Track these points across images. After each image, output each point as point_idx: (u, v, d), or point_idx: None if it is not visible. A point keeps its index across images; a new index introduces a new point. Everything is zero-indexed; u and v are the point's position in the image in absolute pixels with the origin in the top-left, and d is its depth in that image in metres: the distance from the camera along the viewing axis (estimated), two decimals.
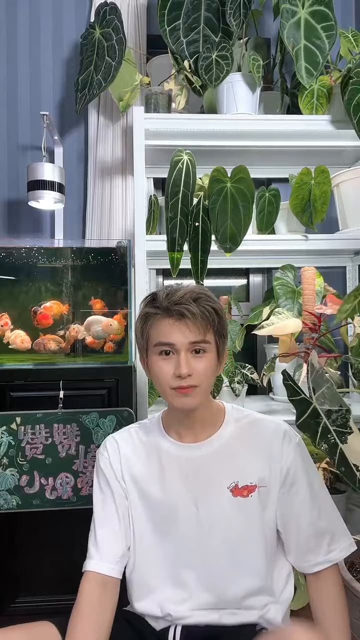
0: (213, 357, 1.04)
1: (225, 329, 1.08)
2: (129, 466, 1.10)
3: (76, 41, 2.20)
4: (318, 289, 1.77)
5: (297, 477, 1.05)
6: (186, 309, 0.99)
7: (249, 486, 1.05)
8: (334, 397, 1.01)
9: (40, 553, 1.61)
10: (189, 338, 1.00)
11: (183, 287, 1.04)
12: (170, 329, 1.00)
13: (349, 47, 1.79)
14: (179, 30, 1.81)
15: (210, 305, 1.02)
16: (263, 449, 1.07)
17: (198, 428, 1.08)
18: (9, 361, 1.67)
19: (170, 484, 1.07)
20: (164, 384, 1.02)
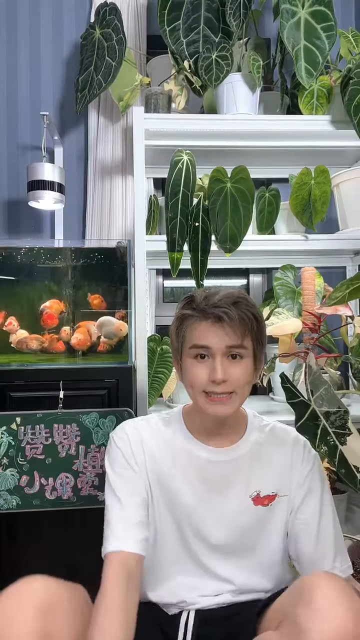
0: (250, 363, 1.02)
1: (264, 336, 1.05)
2: (151, 455, 1.06)
3: (76, 41, 2.20)
4: (318, 289, 1.77)
5: (313, 487, 1.08)
6: (224, 312, 0.97)
7: (269, 495, 1.06)
8: (332, 398, 1.01)
9: (40, 553, 1.61)
10: (225, 342, 0.98)
11: (222, 290, 1.02)
12: (207, 331, 0.99)
13: (349, 47, 1.79)
14: (179, 30, 1.81)
15: (249, 310, 1.00)
16: (285, 459, 1.09)
17: (224, 434, 1.08)
18: (9, 361, 1.67)
19: (192, 486, 1.06)
20: (196, 387, 1.00)
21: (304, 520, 1.06)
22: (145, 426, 1.10)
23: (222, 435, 1.08)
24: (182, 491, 1.05)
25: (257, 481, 1.07)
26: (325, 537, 1.05)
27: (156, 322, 2.24)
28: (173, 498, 1.05)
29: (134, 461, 1.05)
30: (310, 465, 1.09)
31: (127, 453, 1.05)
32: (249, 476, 1.07)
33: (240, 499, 1.05)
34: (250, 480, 1.06)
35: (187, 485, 1.06)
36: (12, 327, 1.67)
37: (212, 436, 1.08)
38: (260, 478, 1.07)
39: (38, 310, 1.71)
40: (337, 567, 1.03)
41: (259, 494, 1.06)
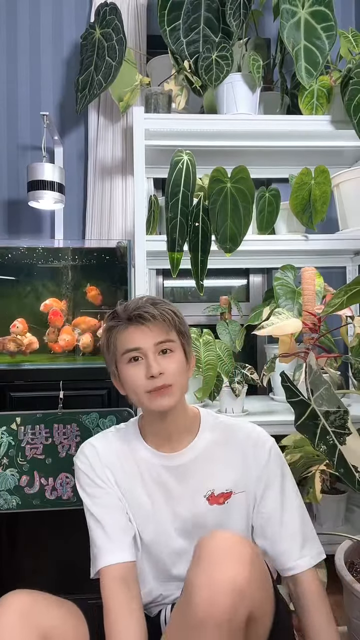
0: (181, 356, 1.06)
1: (187, 329, 1.10)
2: (111, 470, 1.10)
3: (76, 41, 2.20)
4: (318, 289, 1.77)
5: (271, 479, 1.09)
6: (145, 312, 1.02)
7: (224, 493, 1.08)
8: (332, 398, 1.01)
9: (40, 553, 1.61)
10: (153, 339, 1.03)
11: (138, 297, 1.10)
12: (134, 334, 1.03)
13: (349, 47, 1.79)
14: (179, 30, 1.81)
15: (168, 308, 1.06)
16: (238, 455, 1.10)
17: (175, 436, 1.10)
18: (10, 361, 1.67)
19: (151, 494, 1.08)
20: (138, 390, 1.03)
21: (267, 513, 1.08)
22: (102, 443, 1.13)
23: (174, 439, 1.10)
24: (142, 500, 1.08)
25: (211, 480, 1.08)
26: (291, 527, 1.07)
27: None
28: (136, 507, 1.08)
29: (99, 480, 1.08)
30: (265, 458, 1.09)
31: (90, 474, 1.09)
32: (202, 476, 1.09)
33: (195, 500, 1.08)
34: (204, 480, 1.08)
35: (145, 494, 1.09)
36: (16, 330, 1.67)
37: (164, 441, 1.10)
38: (213, 477, 1.08)
39: (38, 310, 1.71)
40: (307, 554, 1.05)
41: (213, 493, 1.08)
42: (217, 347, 1.75)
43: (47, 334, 1.69)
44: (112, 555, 1.02)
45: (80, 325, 1.72)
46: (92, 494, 1.08)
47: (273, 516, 1.07)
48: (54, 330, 1.70)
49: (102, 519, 1.05)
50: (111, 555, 1.02)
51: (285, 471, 1.11)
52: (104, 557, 1.02)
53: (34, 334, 1.69)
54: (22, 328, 1.67)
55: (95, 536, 1.05)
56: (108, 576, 1.00)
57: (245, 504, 1.09)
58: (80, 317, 1.72)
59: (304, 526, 1.08)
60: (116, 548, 1.02)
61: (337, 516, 1.77)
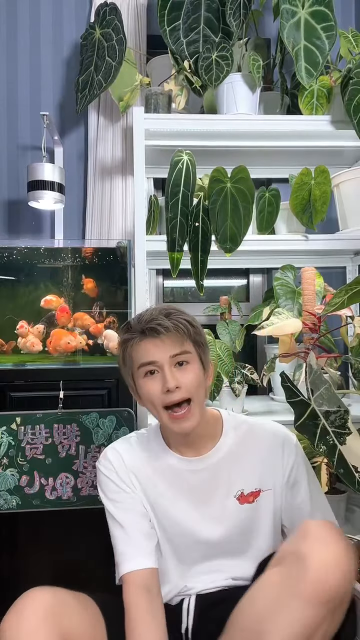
0: (197, 366, 1.06)
1: (203, 337, 1.10)
2: (136, 476, 1.10)
3: (76, 41, 2.20)
4: (318, 289, 1.77)
5: (299, 477, 1.11)
6: (158, 325, 1.02)
7: (253, 492, 1.09)
8: (332, 398, 1.01)
9: (40, 553, 1.61)
10: (168, 352, 1.02)
11: (152, 308, 1.08)
12: (148, 347, 1.03)
13: (349, 48, 1.79)
14: (179, 30, 1.81)
15: (181, 317, 1.05)
16: (264, 454, 1.11)
17: (198, 443, 1.10)
18: (10, 361, 1.67)
19: (177, 498, 1.09)
20: (156, 404, 1.03)
21: (297, 506, 1.11)
22: (126, 449, 1.13)
23: (197, 444, 1.10)
24: (171, 505, 1.09)
25: (239, 481, 1.10)
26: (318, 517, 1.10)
27: None
28: (162, 513, 1.09)
29: (124, 484, 1.08)
30: (293, 457, 1.12)
31: (115, 479, 1.09)
32: (230, 477, 1.10)
33: (226, 501, 1.09)
34: (232, 481, 1.09)
35: (174, 499, 1.09)
36: (23, 331, 1.67)
37: (188, 447, 1.11)
38: (241, 477, 1.10)
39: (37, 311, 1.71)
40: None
41: (243, 493, 1.09)
42: (217, 347, 1.75)
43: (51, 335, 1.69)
44: (135, 561, 1.02)
45: (78, 321, 1.72)
46: (115, 499, 1.08)
47: (303, 509, 1.10)
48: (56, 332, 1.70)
49: (125, 524, 1.06)
50: (134, 561, 1.02)
51: (308, 464, 1.15)
52: (126, 563, 1.02)
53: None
54: (27, 330, 1.68)
55: (117, 542, 1.06)
56: (130, 583, 1.01)
57: (272, 501, 1.11)
58: (79, 313, 1.72)
59: (327, 512, 1.13)
60: (139, 554, 1.03)
61: (337, 516, 1.76)
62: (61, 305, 1.70)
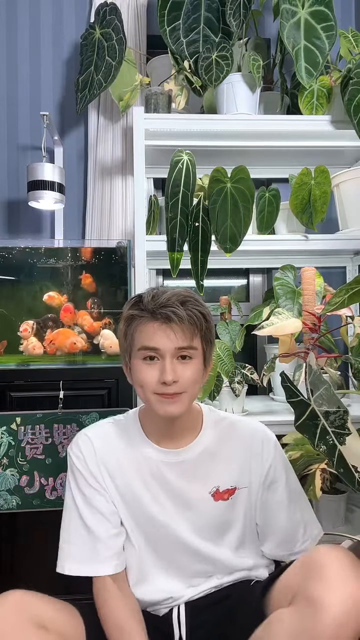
0: (199, 363, 1.02)
1: (213, 335, 1.05)
2: (107, 467, 1.06)
3: (76, 41, 2.20)
4: (318, 289, 1.77)
5: (277, 475, 1.10)
6: (172, 312, 0.96)
7: (229, 489, 1.07)
8: (331, 398, 1.01)
9: (40, 553, 1.61)
10: (175, 343, 0.97)
11: (170, 290, 1.00)
12: (156, 332, 0.97)
13: (349, 47, 1.79)
14: (179, 30, 1.81)
15: (197, 309, 0.99)
16: (242, 451, 1.10)
17: (178, 434, 1.07)
18: (10, 361, 1.67)
19: (152, 490, 1.06)
20: (147, 390, 0.99)
21: (273, 506, 1.09)
22: (99, 436, 1.08)
23: (177, 436, 1.07)
24: (143, 497, 1.06)
25: (215, 477, 1.07)
26: (296, 517, 1.09)
27: None
28: (135, 504, 1.06)
29: (93, 479, 1.05)
30: (271, 456, 1.10)
31: (84, 471, 1.05)
32: (206, 473, 1.07)
33: (200, 496, 1.06)
34: (208, 477, 1.07)
35: (146, 490, 1.06)
36: (27, 334, 1.68)
37: (166, 438, 1.07)
38: (218, 474, 1.08)
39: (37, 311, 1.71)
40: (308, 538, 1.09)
41: (218, 489, 1.07)
42: (217, 347, 1.75)
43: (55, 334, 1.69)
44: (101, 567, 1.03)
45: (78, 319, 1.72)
46: (84, 492, 1.05)
47: (280, 509, 1.08)
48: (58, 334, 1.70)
49: (93, 526, 1.03)
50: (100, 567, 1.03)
51: (287, 464, 1.13)
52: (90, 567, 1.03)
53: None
54: (30, 332, 1.68)
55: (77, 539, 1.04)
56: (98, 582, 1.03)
57: (247, 499, 1.09)
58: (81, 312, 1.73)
59: (305, 511, 1.11)
60: (104, 561, 1.03)
61: (337, 516, 1.77)
62: (65, 305, 1.71)
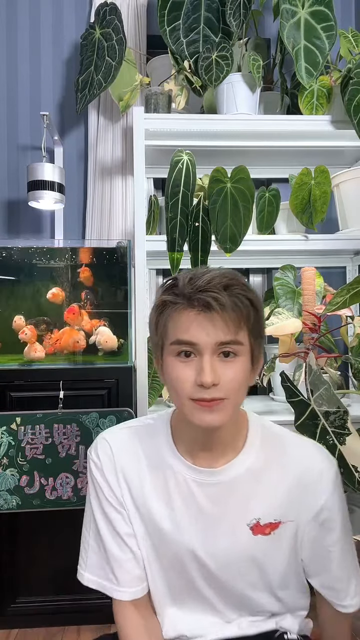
0: (246, 362, 0.82)
1: (263, 328, 0.86)
2: (125, 479, 0.91)
3: (76, 41, 2.20)
4: (318, 289, 1.77)
5: (333, 515, 0.89)
6: (214, 299, 0.77)
7: (272, 523, 0.88)
8: (331, 398, 1.01)
9: (40, 553, 1.61)
10: (216, 337, 0.78)
11: (211, 271, 0.81)
12: (192, 323, 0.79)
13: (349, 47, 1.79)
14: (179, 30, 1.81)
15: (245, 296, 0.80)
16: (293, 479, 0.89)
17: (216, 450, 0.88)
18: (10, 361, 1.67)
19: (178, 513, 0.89)
20: (181, 394, 0.80)
21: (322, 550, 0.90)
22: (121, 441, 0.93)
23: (215, 451, 0.88)
24: (163, 520, 0.89)
25: (257, 506, 0.88)
26: (350, 565, 0.91)
27: None
28: (153, 527, 0.90)
29: (110, 491, 0.90)
30: (329, 491, 0.88)
31: (104, 486, 0.91)
32: (247, 500, 0.88)
33: (236, 528, 0.88)
34: (248, 506, 0.88)
35: (169, 512, 0.89)
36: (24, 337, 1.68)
37: (202, 452, 0.88)
38: (260, 502, 0.88)
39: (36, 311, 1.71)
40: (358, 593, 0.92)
41: (259, 522, 0.87)
42: None
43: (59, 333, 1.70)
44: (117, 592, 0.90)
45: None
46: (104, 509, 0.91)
47: (331, 553, 0.89)
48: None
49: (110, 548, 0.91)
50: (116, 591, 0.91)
51: (344, 502, 0.93)
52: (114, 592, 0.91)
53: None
54: (30, 335, 1.68)
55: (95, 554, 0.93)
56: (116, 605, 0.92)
57: (294, 535, 0.89)
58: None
59: (356, 561, 0.93)
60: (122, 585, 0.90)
61: None
62: (70, 306, 1.71)
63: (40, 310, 1.72)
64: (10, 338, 1.69)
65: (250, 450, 0.90)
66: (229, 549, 0.88)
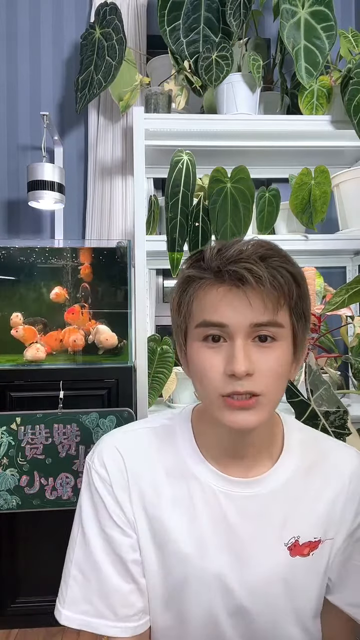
0: (287, 349, 0.68)
1: (308, 308, 0.71)
2: (141, 497, 0.74)
3: (76, 41, 2.20)
4: (318, 289, 1.77)
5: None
6: (248, 271, 0.63)
7: (312, 542, 0.75)
8: (331, 398, 1.01)
9: (40, 553, 1.61)
10: (250, 318, 0.64)
11: (244, 241, 0.68)
12: (221, 301, 0.65)
13: (349, 47, 1.79)
14: (179, 30, 1.81)
15: (285, 268, 0.66)
16: (334, 490, 0.77)
17: (249, 458, 0.75)
18: (10, 361, 1.67)
19: (204, 533, 0.74)
20: (209, 388, 0.67)
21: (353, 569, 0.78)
22: (132, 446, 0.77)
23: (250, 458, 0.75)
24: (182, 538, 0.74)
25: (296, 523, 0.75)
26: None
27: (156, 322, 2.25)
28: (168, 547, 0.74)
29: (120, 510, 0.74)
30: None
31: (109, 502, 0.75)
32: (285, 516, 0.75)
33: (271, 549, 0.74)
34: (287, 523, 0.74)
35: (189, 530, 0.74)
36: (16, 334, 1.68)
37: (233, 459, 0.74)
38: (300, 518, 0.75)
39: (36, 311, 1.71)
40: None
41: (298, 541, 0.74)
42: None
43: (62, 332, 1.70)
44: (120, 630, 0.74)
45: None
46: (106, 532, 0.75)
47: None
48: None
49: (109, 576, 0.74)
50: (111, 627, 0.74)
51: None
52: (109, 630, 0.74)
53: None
54: (22, 334, 1.67)
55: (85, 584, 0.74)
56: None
57: (328, 554, 0.77)
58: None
59: None
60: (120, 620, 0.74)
61: None
62: (70, 307, 1.71)
63: (40, 310, 1.72)
64: (11, 338, 1.69)
65: (290, 457, 0.77)
66: (264, 574, 0.74)
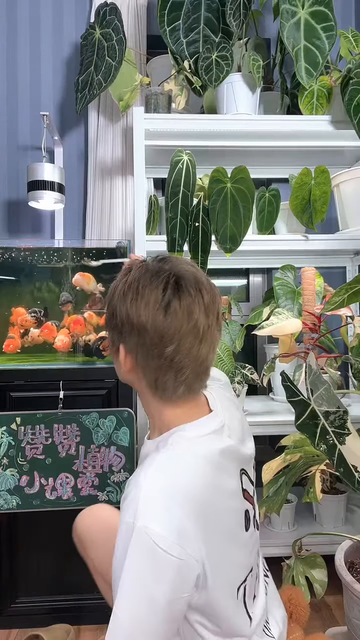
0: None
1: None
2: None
3: (76, 41, 2.20)
4: (318, 289, 1.77)
5: None
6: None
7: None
8: (331, 398, 1.01)
9: (40, 553, 1.61)
10: None
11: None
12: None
13: (349, 48, 1.79)
14: (179, 30, 1.81)
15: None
16: None
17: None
18: (9, 361, 1.67)
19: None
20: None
21: None
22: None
23: None
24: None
25: None
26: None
27: None
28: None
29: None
30: None
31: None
32: None
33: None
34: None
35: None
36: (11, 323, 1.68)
37: None
38: None
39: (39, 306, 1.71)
40: None
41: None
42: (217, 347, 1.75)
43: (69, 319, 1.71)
44: None
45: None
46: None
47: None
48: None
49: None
50: None
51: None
52: None
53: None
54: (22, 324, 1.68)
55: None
56: None
57: None
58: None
59: None
60: None
61: (337, 516, 1.77)
62: (75, 318, 1.71)
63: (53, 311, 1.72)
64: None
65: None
66: None
